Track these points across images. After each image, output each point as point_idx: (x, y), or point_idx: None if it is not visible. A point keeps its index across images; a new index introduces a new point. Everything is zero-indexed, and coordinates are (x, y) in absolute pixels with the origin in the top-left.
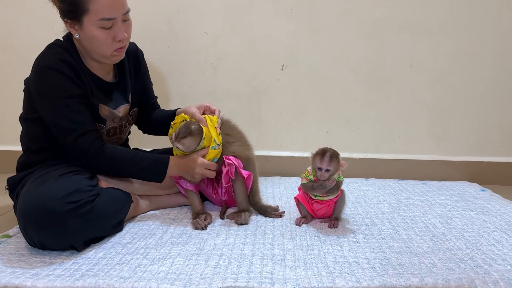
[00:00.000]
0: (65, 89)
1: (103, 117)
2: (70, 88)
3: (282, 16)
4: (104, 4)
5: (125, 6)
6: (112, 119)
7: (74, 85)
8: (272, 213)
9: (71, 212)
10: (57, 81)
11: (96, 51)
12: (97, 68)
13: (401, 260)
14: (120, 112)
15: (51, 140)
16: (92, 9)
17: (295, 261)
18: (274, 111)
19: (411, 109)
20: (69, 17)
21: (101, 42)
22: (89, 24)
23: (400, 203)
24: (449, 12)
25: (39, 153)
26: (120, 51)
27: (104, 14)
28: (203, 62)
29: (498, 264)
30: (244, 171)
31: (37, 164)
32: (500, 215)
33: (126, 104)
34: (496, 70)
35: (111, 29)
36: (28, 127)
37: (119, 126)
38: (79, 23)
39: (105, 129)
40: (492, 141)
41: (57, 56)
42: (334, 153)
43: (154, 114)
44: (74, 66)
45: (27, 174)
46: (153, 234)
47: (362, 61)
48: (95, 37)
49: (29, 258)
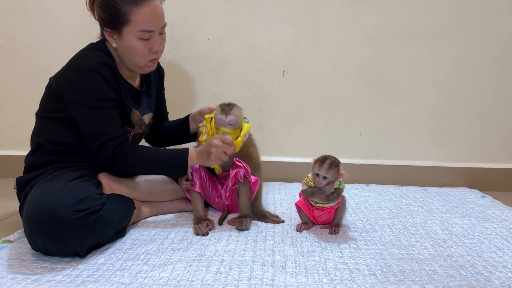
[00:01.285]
0: (103, 91)
1: (133, 122)
2: (108, 91)
3: (283, 22)
4: (145, 16)
5: (164, 19)
6: (140, 125)
7: (111, 89)
8: (271, 218)
9: (79, 221)
10: (97, 83)
11: (132, 60)
12: (128, 75)
13: (402, 267)
14: (146, 120)
15: (69, 141)
16: (133, 21)
17: (296, 267)
18: (275, 116)
19: (411, 115)
20: (110, 26)
21: (138, 52)
22: (129, 34)
23: (401, 209)
24: (449, 18)
25: (54, 153)
26: (153, 62)
27: (145, 26)
28: (205, 68)
29: (499, 271)
30: (252, 176)
31: (49, 164)
32: (500, 222)
33: (150, 112)
34: (497, 76)
35: (149, 40)
36: (45, 126)
37: (142, 133)
38: (118, 33)
39: (132, 133)
40: (493, 147)
41: (99, 59)
42: (334, 162)
43: (163, 126)
44: (113, 70)
45: (37, 175)
46: (154, 240)
47: (362, 67)
48: (133, 47)
49: (30, 263)
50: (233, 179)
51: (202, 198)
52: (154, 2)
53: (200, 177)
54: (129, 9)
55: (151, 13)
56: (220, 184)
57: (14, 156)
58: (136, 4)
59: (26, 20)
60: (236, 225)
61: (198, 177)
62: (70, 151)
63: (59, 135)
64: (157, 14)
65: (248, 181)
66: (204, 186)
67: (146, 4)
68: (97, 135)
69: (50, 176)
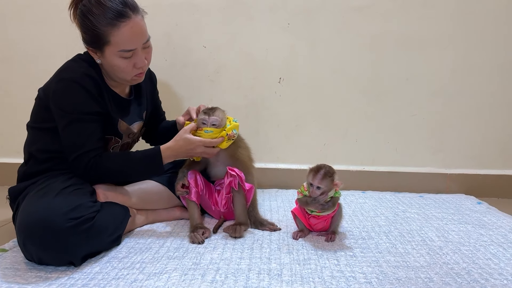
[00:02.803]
0: (83, 104)
1: (121, 132)
2: (89, 104)
3: (279, 30)
4: (124, 37)
5: (145, 35)
6: (128, 134)
7: (93, 101)
8: (268, 226)
9: (73, 228)
10: (78, 95)
11: (117, 76)
12: (115, 85)
13: (398, 274)
14: (135, 129)
15: (60, 150)
16: (112, 41)
17: (292, 276)
18: (271, 123)
19: (407, 122)
20: (91, 46)
21: (122, 70)
22: (110, 54)
23: (397, 216)
24: (445, 26)
25: (46, 162)
26: (140, 76)
27: (125, 46)
28: (201, 75)
29: (495, 278)
30: (246, 183)
31: (41, 173)
32: (496, 229)
33: (140, 121)
34: (492, 83)
35: (131, 57)
36: (36, 136)
37: (131, 142)
38: (100, 51)
39: (120, 143)
40: (489, 154)
41: (82, 70)
42: (329, 172)
43: (160, 126)
44: (97, 82)
45: (29, 185)
46: (149, 248)
47: (359, 74)
48: (116, 65)
49: (25, 273)
50: (228, 188)
51: (198, 206)
52: (132, 20)
53: (196, 185)
54: (107, 31)
55: (130, 33)
56: (216, 191)
57: (9, 164)
58: (114, 26)
59: (23, 28)
60: (230, 232)
61: (194, 185)
62: (62, 159)
63: (50, 144)
64: (136, 32)
65: (242, 189)
66: (200, 193)
67: (124, 24)
68: (74, 148)
69: (42, 185)
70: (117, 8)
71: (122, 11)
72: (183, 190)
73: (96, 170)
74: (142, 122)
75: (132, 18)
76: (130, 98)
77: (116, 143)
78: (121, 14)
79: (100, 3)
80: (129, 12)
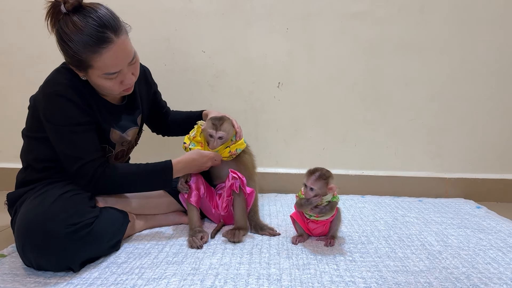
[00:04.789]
0: (73, 116)
1: (113, 141)
2: (78, 115)
3: (278, 35)
4: (107, 62)
5: (130, 55)
6: (121, 143)
7: (82, 112)
8: (268, 231)
9: (72, 234)
10: (65, 108)
11: (104, 92)
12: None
13: (397, 279)
14: (129, 136)
15: (56, 159)
16: (95, 66)
17: (291, 281)
18: (270, 128)
19: (406, 127)
20: (74, 67)
21: (108, 88)
22: (95, 76)
23: (396, 221)
24: (443, 31)
25: (43, 171)
26: (128, 90)
27: (108, 70)
28: (200, 80)
29: (494, 283)
30: (248, 188)
31: (39, 181)
32: (495, 233)
33: (135, 127)
34: (490, 87)
35: (117, 77)
36: (32, 145)
37: (127, 149)
38: (84, 72)
39: (113, 152)
40: (487, 158)
41: (66, 82)
42: (324, 175)
43: (171, 117)
44: (82, 92)
45: (27, 190)
46: (148, 253)
47: (357, 79)
48: (101, 85)
49: (24, 278)
50: (229, 190)
51: (198, 210)
52: (115, 44)
53: (198, 188)
54: (88, 57)
55: (113, 57)
56: (217, 195)
57: (8, 169)
58: (95, 52)
59: (22, 34)
60: (229, 237)
61: (195, 187)
62: (59, 168)
63: (46, 153)
64: (119, 56)
65: (243, 192)
66: (201, 197)
67: (105, 50)
68: (72, 160)
69: (40, 191)
70: (97, 34)
71: (102, 36)
72: (185, 185)
73: (103, 182)
74: (137, 128)
75: (114, 41)
76: (122, 104)
77: (109, 153)
78: (101, 40)
79: (78, 29)
80: (110, 36)
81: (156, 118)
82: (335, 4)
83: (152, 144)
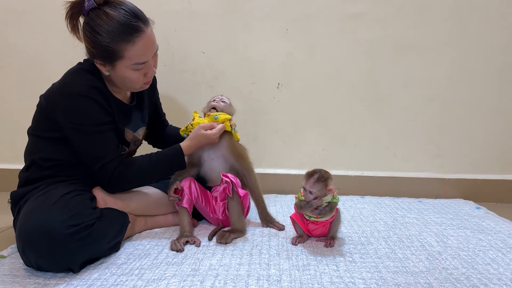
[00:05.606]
0: (96, 116)
1: (128, 140)
2: (101, 115)
3: (277, 36)
4: (139, 51)
5: (155, 47)
6: (134, 142)
7: (104, 112)
8: (276, 224)
9: (72, 235)
10: (90, 108)
11: (125, 85)
12: (117, 91)
13: (397, 280)
14: (140, 135)
15: (64, 158)
16: (126, 56)
17: (291, 281)
18: (270, 129)
19: (405, 127)
20: (101, 60)
21: (133, 80)
22: (122, 67)
23: (396, 221)
24: (442, 32)
25: (49, 169)
26: (148, 83)
27: (139, 59)
28: (200, 81)
29: (494, 283)
30: (241, 190)
31: (43, 179)
32: (495, 234)
33: (144, 126)
34: (490, 88)
35: (143, 69)
36: (39, 144)
37: (135, 148)
38: (111, 65)
39: (126, 151)
40: (487, 159)
41: (89, 83)
42: (322, 177)
43: (167, 131)
44: (104, 92)
45: (31, 190)
46: (148, 254)
47: (357, 80)
48: (127, 77)
49: (23, 279)
50: (222, 194)
51: (189, 213)
52: (146, 33)
53: (190, 192)
54: (121, 47)
55: (144, 47)
56: (214, 198)
57: (8, 170)
58: (129, 42)
59: (21, 35)
60: (217, 238)
61: (188, 192)
62: (65, 166)
63: (53, 153)
64: (150, 45)
65: (237, 195)
66: (194, 201)
67: (139, 39)
68: (95, 160)
69: (43, 191)
70: (131, 23)
71: (135, 26)
72: (175, 196)
73: (123, 178)
74: (145, 126)
75: (145, 31)
76: (132, 104)
77: (123, 151)
78: (135, 29)
79: (112, 19)
80: (141, 26)
81: (153, 126)
82: (335, 5)
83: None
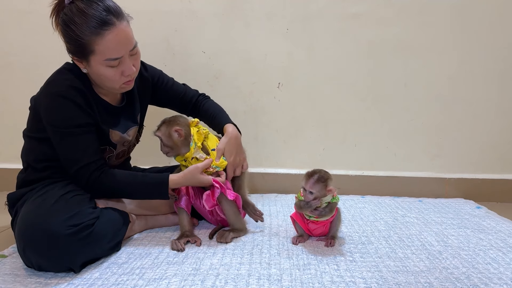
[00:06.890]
0: (73, 117)
1: (114, 142)
2: (79, 116)
3: (278, 35)
4: (109, 46)
5: (132, 42)
6: (123, 143)
7: (83, 113)
8: (251, 211)
9: (72, 236)
10: (67, 109)
11: (105, 85)
12: (106, 93)
13: (398, 279)
14: (130, 136)
15: (57, 159)
16: (97, 50)
17: (292, 281)
18: (270, 128)
19: (406, 127)
20: (76, 55)
21: (109, 79)
22: (96, 63)
23: (397, 221)
24: (442, 32)
25: (44, 171)
26: (128, 83)
27: (110, 55)
28: (200, 81)
29: (494, 283)
30: (231, 193)
31: (39, 181)
32: (495, 233)
33: (135, 126)
34: (490, 88)
35: (119, 66)
36: (33, 146)
37: (128, 148)
38: (86, 61)
39: (115, 152)
40: (487, 158)
41: (68, 83)
42: (322, 177)
43: (205, 105)
44: (84, 93)
45: (28, 191)
46: (149, 253)
47: (357, 80)
48: (102, 75)
49: (24, 279)
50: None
51: (188, 213)
52: (117, 28)
53: (188, 193)
54: (91, 40)
55: (115, 41)
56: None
57: (8, 170)
58: (97, 34)
59: (22, 35)
60: (217, 237)
61: (185, 192)
62: (59, 167)
63: (47, 154)
64: (122, 40)
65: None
66: (192, 201)
67: (108, 32)
68: (71, 162)
69: (41, 191)
70: (100, 16)
71: (105, 18)
72: (172, 194)
73: (99, 186)
74: (137, 126)
75: (117, 25)
76: (121, 105)
77: (110, 153)
78: (104, 22)
79: (82, 12)
80: (113, 19)
81: (179, 103)
82: (335, 5)
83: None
